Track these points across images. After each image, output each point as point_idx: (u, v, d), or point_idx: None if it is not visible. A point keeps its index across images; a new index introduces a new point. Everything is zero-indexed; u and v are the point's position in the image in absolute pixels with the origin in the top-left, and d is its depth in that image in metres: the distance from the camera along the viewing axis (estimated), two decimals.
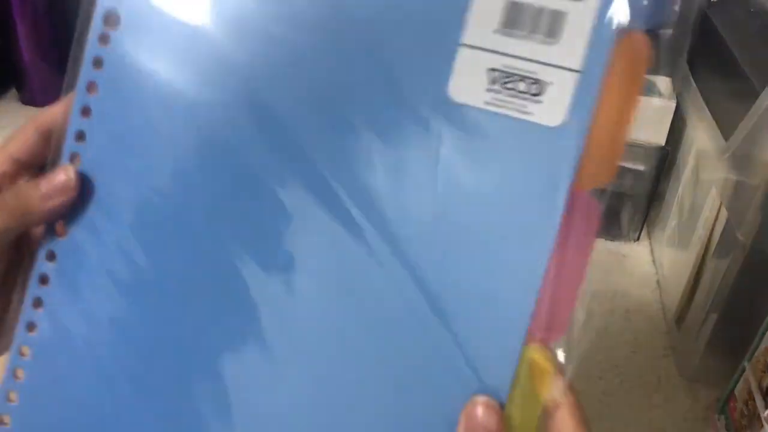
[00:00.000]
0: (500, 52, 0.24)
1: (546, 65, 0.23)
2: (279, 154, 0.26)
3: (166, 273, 0.28)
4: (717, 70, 0.63)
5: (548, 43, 0.23)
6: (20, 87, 0.91)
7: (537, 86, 0.23)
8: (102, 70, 0.30)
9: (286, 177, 0.26)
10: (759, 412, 0.46)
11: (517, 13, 0.23)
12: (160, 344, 0.28)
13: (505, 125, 0.24)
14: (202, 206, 0.27)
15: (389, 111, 0.25)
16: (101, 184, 0.29)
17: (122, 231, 0.28)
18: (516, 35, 0.23)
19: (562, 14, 0.23)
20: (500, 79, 0.24)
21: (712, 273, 0.54)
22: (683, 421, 0.54)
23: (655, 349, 0.61)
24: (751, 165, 0.50)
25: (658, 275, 0.69)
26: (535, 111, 0.24)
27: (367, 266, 0.25)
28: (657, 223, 0.73)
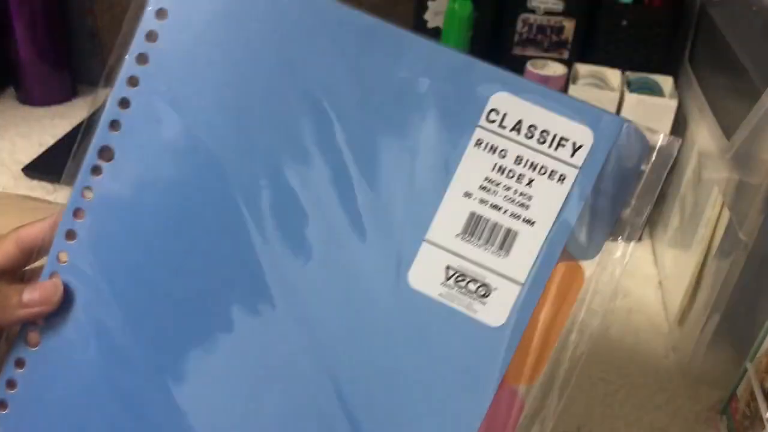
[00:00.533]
0: (458, 254, 0.27)
1: (495, 273, 0.27)
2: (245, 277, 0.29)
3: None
4: (719, 68, 0.63)
5: (500, 255, 0.27)
6: (18, 86, 0.91)
7: (485, 289, 0.27)
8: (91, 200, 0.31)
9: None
10: (761, 413, 0.46)
11: (477, 225, 0.27)
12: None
13: (452, 318, 0.27)
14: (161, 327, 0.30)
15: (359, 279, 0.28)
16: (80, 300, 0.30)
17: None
18: (473, 243, 0.27)
19: (514, 233, 0.27)
20: (454, 277, 0.27)
21: (714, 273, 0.54)
22: (685, 422, 0.54)
23: (656, 349, 0.61)
24: (754, 164, 0.50)
25: (660, 275, 0.69)
26: (480, 310, 0.27)
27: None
28: (659, 222, 0.73)
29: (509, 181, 0.27)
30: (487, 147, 0.27)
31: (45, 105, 0.90)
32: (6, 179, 0.76)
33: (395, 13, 0.83)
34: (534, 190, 0.27)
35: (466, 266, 0.27)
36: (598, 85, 0.68)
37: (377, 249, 0.28)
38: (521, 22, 0.70)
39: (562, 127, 0.27)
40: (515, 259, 0.27)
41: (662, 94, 0.68)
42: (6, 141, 0.82)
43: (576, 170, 0.27)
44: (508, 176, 0.27)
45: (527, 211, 0.27)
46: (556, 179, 0.27)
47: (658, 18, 0.69)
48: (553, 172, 0.27)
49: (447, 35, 0.68)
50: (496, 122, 0.27)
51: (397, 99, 0.28)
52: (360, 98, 0.28)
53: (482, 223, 0.27)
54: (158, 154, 0.30)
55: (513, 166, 0.27)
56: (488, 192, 0.27)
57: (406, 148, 0.28)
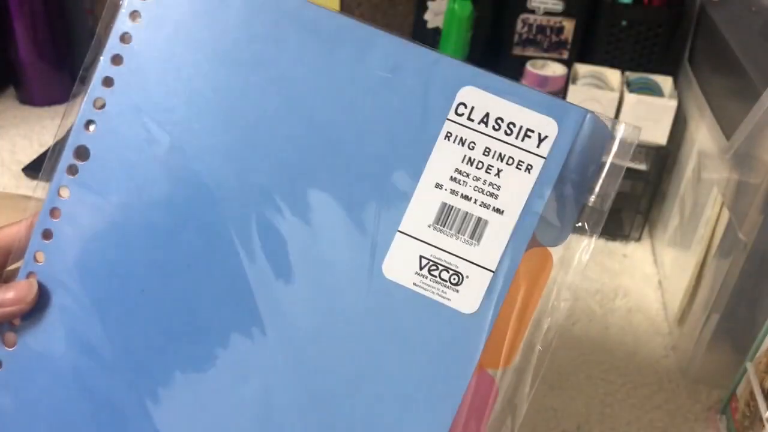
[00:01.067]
0: (430, 244, 0.28)
1: (467, 262, 0.28)
2: (228, 296, 0.29)
3: None
4: (718, 69, 0.63)
5: (471, 244, 0.28)
6: (18, 86, 0.91)
7: (457, 277, 0.28)
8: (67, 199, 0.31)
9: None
10: (761, 413, 0.46)
11: (448, 215, 0.28)
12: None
13: (427, 306, 0.28)
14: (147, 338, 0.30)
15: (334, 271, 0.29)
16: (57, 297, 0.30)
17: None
18: (445, 232, 0.28)
19: (485, 222, 0.28)
20: (427, 266, 0.28)
21: (714, 273, 0.54)
22: (684, 421, 0.54)
23: (656, 349, 0.61)
24: (753, 164, 0.50)
25: (660, 275, 0.69)
26: (453, 298, 0.28)
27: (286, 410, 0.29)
28: (658, 222, 0.73)
29: (478, 171, 0.28)
30: (457, 139, 0.28)
31: (45, 105, 0.91)
32: (6, 179, 0.76)
33: (395, 13, 0.83)
34: (502, 180, 0.28)
35: (439, 255, 0.28)
36: (598, 85, 0.68)
37: (351, 241, 0.28)
38: (521, 23, 0.70)
39: (528, 119, 0.28)
40: (486, 248, 0.28)
41: (662, 94, 0.68)
42: (6, 141, 0.82)
43: (542, 160, 0.28)
44: (477, 167, 0.28)
45: (497, 200, 0.28)
46: (523, 169, 0.28)
47: (658, 18, 0.69)
48: (521, 163, 0.28)
49: (447, 35, 0.68)
50: (464, 115, 0.28)
51: (366, 95, 0.29)
52: (332, 95, 0.29)
53: (453, 213, 0.28)
54: (134, 154, 0.30)
55: (482, 158, 0.28)
56: (458, 183, 0.28)
57: None
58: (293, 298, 0.29)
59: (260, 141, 0.29)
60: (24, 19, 0.85)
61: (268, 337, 0.29)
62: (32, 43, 0.86)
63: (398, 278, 0.28)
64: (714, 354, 0.55)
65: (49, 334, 0.30)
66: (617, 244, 0.73)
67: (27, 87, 0.90)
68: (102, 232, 0.30)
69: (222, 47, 0.29)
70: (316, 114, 0.28)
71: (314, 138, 0.29)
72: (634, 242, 0.74)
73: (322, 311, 0.29)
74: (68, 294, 0.30)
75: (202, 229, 0.29)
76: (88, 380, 0.30)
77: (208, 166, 0.29)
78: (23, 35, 0.86)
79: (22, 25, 0.85)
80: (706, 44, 0.67)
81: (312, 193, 0.28)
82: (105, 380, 0.30)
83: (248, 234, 0.29)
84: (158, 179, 0.30)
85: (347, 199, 0.28)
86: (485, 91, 0.28)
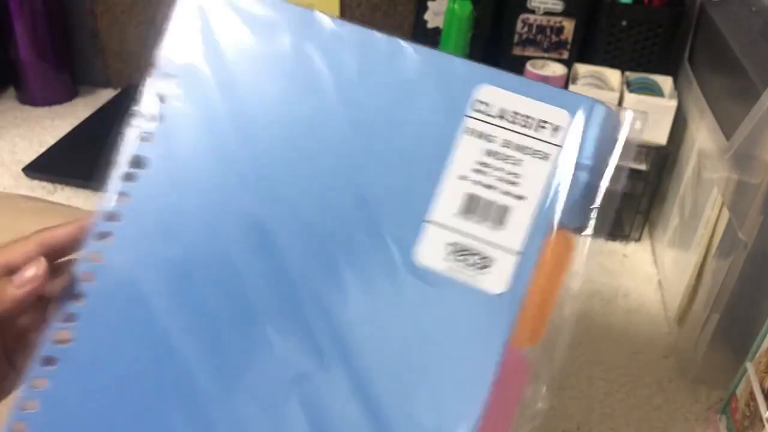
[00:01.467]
0: (458, 231, 0.30)
1: (493, 246, 0.30)
2: (274, 291, 0.31)
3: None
4: (718, 69, 0.63)
5: (496, 228, 0.30)
6: (18, 86, 0.91)
7: (485, 261, 0.30)
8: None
9: (277, 316, 0.31)
10: (761, 413, 0.46)
11: (474, 203, 0.30)
12: None
13: (457, 289, 0.30)
14: (196, 334, 0.31)
15: (367, 263, 0.31)
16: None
17: None
18: (471, 220, 0.30)
19: (507, 208, 0.30)
20: (456, 252, 0.30)
21: (714, 273, 0.54)
22: (685, 421, 0.54)
23: (656, 349, 0.61)
24: (753, 164, 0.50)
25: (660, 275, 0.69)
26: (482, 280, 0.30)
27: (328, 395, 0.30)
28: (658, 222, 0.73)
29: (499, 162, 0.30)
30: (477, 134, 0.30)
31: (45, 105, 0.91)
32: (6, 179, 0.76)
33: (395, 13, 0.83)
34: (522, 169, 0.30)
35: (467, 242, 0.30)
36: (598, 85, 0.68)
37: (380, 230, 0.31)
38: (521, 23, 0.70)
39: (542, 112, 0.30)
40: (510, 232, 0.30)
41: (662, 94, 0.68)
42: (6, 141, 0.82)
43: (558, 148, 0.30)
44: (497, 158, 0.30)
45: (517, 188, 0.30)
46: (540, 157, 0.30)
47: (658, 18, 0.69)
48: (537, 152, 0.30)
49: (447, 35, 0.68)
50: (483, 112, 0.31)
51: (395, 99, 0.31)
52: (367, 100, 0.32)
53: (478, 202, 0.30)
54: (193, 160, 0.32)
55: (501, 149, 0.30)
56: (481, 174, 0.30)
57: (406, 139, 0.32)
58: (337, 290, 0.31)
59: (309, 145, 0.32)
60: (24, 20, 0.85)
61: (315, 331, 0.31)
62: (32, 44, 0.86)
63: (429, 264, 0.30)
64: (714, 354, 0.55)
65: (105, 329, 0.31)
66: (617, 245, 0.73)
67: (27, 87, 0.90)
68: (161, 233, 0.32)
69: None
70: (359, 118, 0.32)
71: (356, 138, 0.31)
72: (634, 242, 0.74)
73: (362, 298, 0.31)
74: (125, 290, 0.31)
75: (250, 228, 0.31)
76: (144, 373, 0.31)
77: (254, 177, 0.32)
78: (23, 36, 0.86)
79: (22, 25, 0.85)
80: (706, 44, 0.67)
81: (352, 193, 0.31)
82: (160, 373, 0.31)
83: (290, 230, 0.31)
84: (214, 189, 0.32)
85: (378, 193, 0.31)
86: (501, 88, 0.30)
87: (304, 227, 0.31)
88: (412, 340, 0.30)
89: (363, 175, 0.31)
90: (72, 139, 0.82)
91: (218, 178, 0.32)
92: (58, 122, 0.87)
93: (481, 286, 0.30)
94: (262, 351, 0.31)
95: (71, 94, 0.93)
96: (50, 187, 0.75)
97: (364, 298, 0.31)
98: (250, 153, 0.32)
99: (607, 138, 0.30)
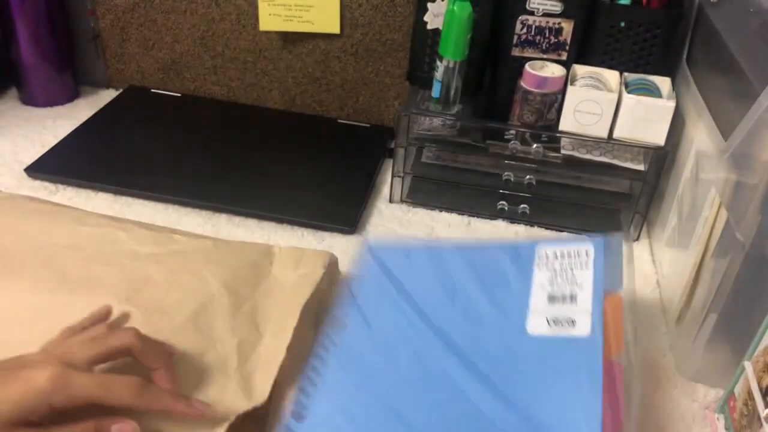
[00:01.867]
0: (550, 311, 0.51)
1: (574, 312, 0.50)
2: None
3: None
4: (716, 69, 0.63)
5: (573, 304, 0.51)
6: (20, 87, 0.91)
7: (572, 321, 0.50)
8: None
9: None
10: (758, 412, 0.46)
11: (554, 297, 0.52)
12: None
13: (561, 338, 0.49)
14: None
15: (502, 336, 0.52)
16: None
17: None
18: (556, 302, 0.52)
19: (575, 293, 0.51)
20: (554, 322, 0.50)
21: (712, 272, 0.54)
22: (682, 420, 0.54)
23: (654, 348, 0.61)
24: (751, 164, 0.50)
25: (658, 275, 0.69)
26: (574, 331, 0.49)
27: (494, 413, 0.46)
28: (656, 222, 0.73)
29: (562, 274, 0.54)
30: (544, 266, 0.55)
31: (47, 106, 0.91)
32: (8, 179, 0.76)
33: (395, 14, 0.84)
34: (575, 274, 0.53)
35: (558, 315, 0.50)
36: (597, 86, 0.69)
37: (507, 322, 0.52)
38: (520, 24, 0.70)
39: (577, 247, 0.55)
40: (581, 303, 0.51)
41: (660, 94, 0.68)
42: (8, 141, 0.83)
43: (591, 260, 0.54)
44: (560, 275, 0.54)
45: (576, 283, 0.52)
46: (583, 267, 0.53)
47: (656, 19, 0.69)
48: (581, 264, 0.54)
49: (446, 37, 0.69)
50: (544, 257, 0.56)
51: (496, 270, 0.56)
52: (480, 278, 0.56)
53: (557, 295, 0.52)
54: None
55: (560, 269, 0.54)
56: (553, 282, 0.53)
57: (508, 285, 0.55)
58: (485, 342, 0.51)
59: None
60: (26, 21, 0.85)
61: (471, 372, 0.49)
62: (34, 45, 0.87)
63: (538, 331, 0.50)
64: (712, 353, 0.55)
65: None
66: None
67: (29, 88, 0.90)
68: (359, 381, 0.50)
69: None
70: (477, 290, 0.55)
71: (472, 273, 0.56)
72: (633, 242, 0.74)
73: (500, 352, 0.50)
74: None
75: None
76: None
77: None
78: (25, 37, 0.86)
79: (24, 26, 0.85)
80: (704, 45, 0.67)
81: (483, 301, 0.54)
82: None
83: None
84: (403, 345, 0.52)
85: (498, 299, 0.54)
86: (550, 245, 0.56)
87: (462, 343, 0.51)
88: (540, 372, 0.47)
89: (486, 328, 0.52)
90: (74, 139, 0.82)
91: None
92: (59, 122, 0.87)
93: (575, 333, 0.48)
94: None
95: (73, 94, 0.93)
96: (52, 187, 0.75)
97: (506, 354, 0.49)
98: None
99: (613, 248, 0.54)
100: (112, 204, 0.73)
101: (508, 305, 0.52)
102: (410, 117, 0.73)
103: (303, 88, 0.92)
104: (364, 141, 0.88)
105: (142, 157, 0.80)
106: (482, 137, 0.75)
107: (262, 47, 0.90)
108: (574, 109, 0.68)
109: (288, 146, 0.84)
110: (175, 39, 0.92)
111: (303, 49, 0.88)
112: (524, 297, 0.52)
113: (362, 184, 0.78)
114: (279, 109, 0.94)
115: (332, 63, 0.89)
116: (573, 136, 0.70)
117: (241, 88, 0.93)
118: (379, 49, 0.87)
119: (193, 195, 0.74)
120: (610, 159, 0.72)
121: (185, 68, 0.94)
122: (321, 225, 0.72)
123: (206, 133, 0.86)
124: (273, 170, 0.79)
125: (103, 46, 0.94)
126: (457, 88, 0.72)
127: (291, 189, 0.76)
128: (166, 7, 0.89)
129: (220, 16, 0.89)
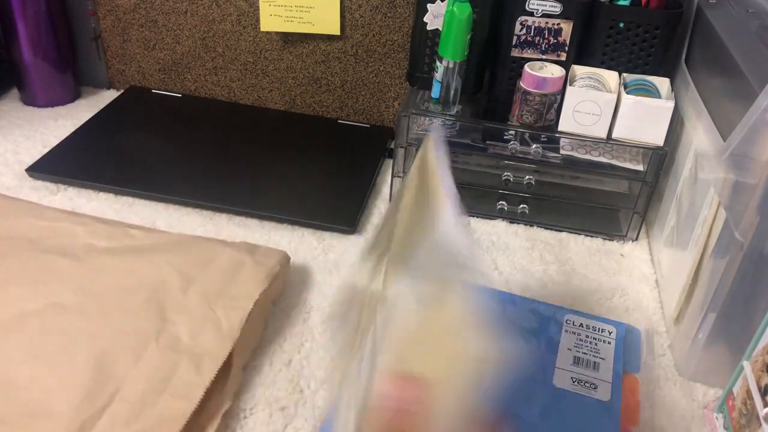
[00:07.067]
0: (575, 372, 0.55)
1: (596, 379, 0.55)
2: None
3: None
4: (715, 70, 0.63)
5: (595, 370, 0.56)
6: (21, 87, 0.91)
7: (593, 385, 0.54)
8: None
9: None
10: (757, 411, 0.46)
11: (579, 361, 0.56)
12: None
13: (583, 396, 0.53)
14: None
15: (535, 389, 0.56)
16: None
17: None
18: (581, 367, 0.56)
19: (598, 363, 0.57)
20: (577, 380, 0.55)
21: (711, 272, 0.54)
22: (681, 420, 0.54)
23: (653, 348, 0.61)
24: (750, 165, 0.50)
25: (657, 275, 0.69)
26: (595, 394, 0.54)
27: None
28: (655, 222, 0.74)
29: (586, 342, 0.58)
30: (571, 332, 0.59)
31: (48, 106, 0.91)
32: (9, 179, 0.76)
33: (395, 15, 0.84)
34: (599, 347, 0.58)
35: (581, 376, 0.55)
36: (596, 86, 0.69)
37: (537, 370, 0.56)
38: (519, 25, 0.70)
39: (601, 326, 0.60)
40: (603, 372, 0.55)
41: (659, 95, 0.69)
42: (9, 142, 0.83)
43: (613, 339, 0.59)
44: (585, 343, 0.58)
45: (599, 354, 0.57)
46: (606, 342, 0.58)
47: (655, 20, 0.69)
48: (604, 340, 0.59)
49: (446, 37, 0.69)
50: (571, 323, 0.60)
51: (525, 319, 0.61)
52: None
53: (581, 360, 0.56)
54: None
55: (585, 338, 0.59)
56: (578, 349, 0.58)
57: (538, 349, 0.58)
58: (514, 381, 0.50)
59: None
60: (27, 22, 0.85)
61: None
62: (35, 46, 0.87)
63: (563, 386, 0.54)
64: (711, 352, 0.56)
65: None
66: (615, 244, 0.74)
67: (30, 88, 0.90)
68: None
69: None
70: None
71: None
72: (632, 242, 0.74)
73: (529, 396, 0.54)
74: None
75: None
76: None
77: None
78: (26, 37, 0.86)
79: (25, 27, 0.86)
80: (703, 46, 0.67)
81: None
82: None
83: None
84: None
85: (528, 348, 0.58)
86: (576, 314, 0.61)
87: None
88: (565, 420, 0.51)
89: None
90: (75, 139, 0.83)
91: None
92: (60, 123, 0.87)
93: (596, 397, 0.53)
94: None
95: (74, 95, 0.94)
96: (53, 188, 0.75)
97: (538, 402, 0.53)
98: None
99: (634, 334, 0.60)
100: (113, 204, 0.74)
101: (537, 356, 0.57)
102: (410, 117, 0.73)
103: (303, 89, 0.92)
104: (364, 141, 0.88)
105: (143, 158, 0.80)
106: (482, 138, 0.75)
107: (263, 48, 0.90)
108: (574, 110, 0.69)
109: (288, 146, 0.84)
110: (176, 40, 0.92)
111: (303, 49, 0.89)
112: (552, 353, 0.57)
113: (362, 184, 0.78)
114: (279, 109, 0.94)
115: (332, 64, 0.89)
116: (572, 136, 0.70)
117: (242, 88, 0.94)
118: (379, 50, 0.87)
119: (194, 195, 0.74)
120: (609, 159, 0.72)
121: (186, 69, 0.94)
122: (321, 225, 0.72)
123: (207, 133, 0.87)
124: (273, 170, 0.80)
125: (104, 46, 0.95)
126: (456, 88, 0.72)
127: (291, 189, 0.77)
128: (167, 8, 0.90)
129: (220, 17, 0.89)
